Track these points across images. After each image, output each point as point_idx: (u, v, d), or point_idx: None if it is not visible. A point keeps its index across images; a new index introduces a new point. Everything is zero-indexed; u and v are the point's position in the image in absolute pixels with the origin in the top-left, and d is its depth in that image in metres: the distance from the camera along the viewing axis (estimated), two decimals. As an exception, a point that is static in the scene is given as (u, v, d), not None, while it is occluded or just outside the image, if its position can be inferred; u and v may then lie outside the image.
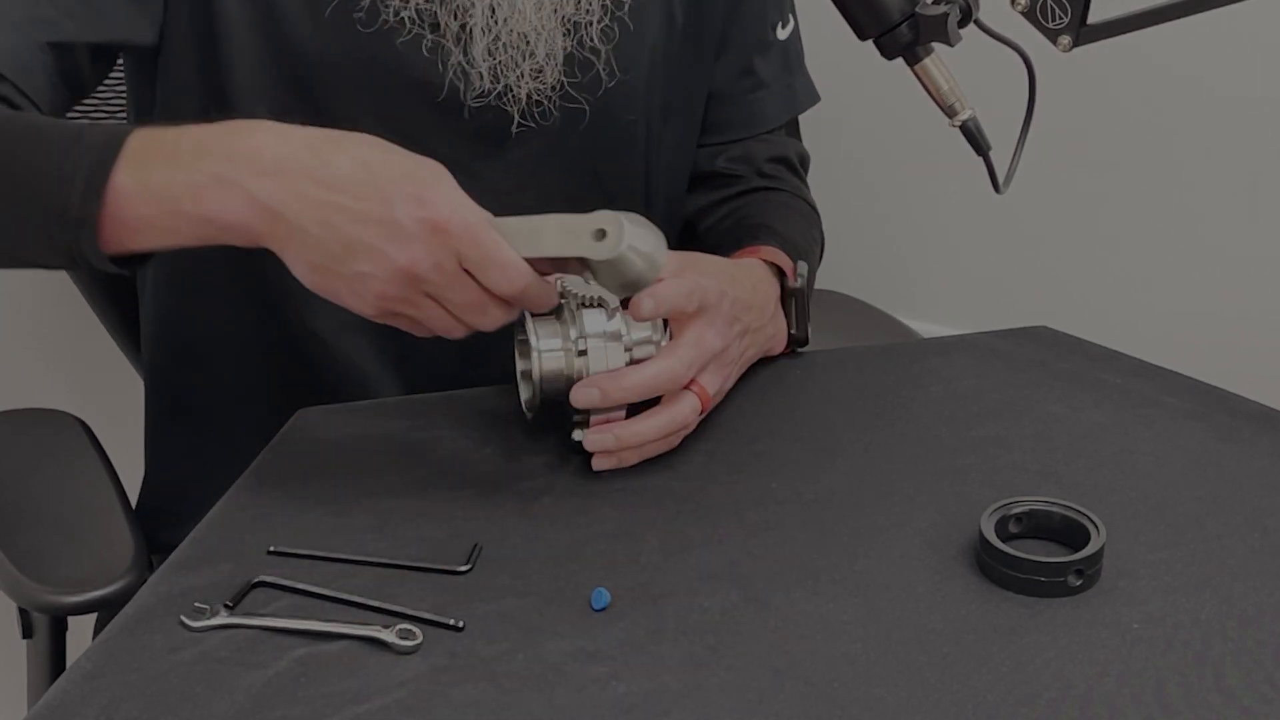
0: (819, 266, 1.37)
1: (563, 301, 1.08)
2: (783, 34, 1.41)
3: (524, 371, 1.12)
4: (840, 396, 1.21)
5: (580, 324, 1.07)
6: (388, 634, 0.92)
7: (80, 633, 1.27)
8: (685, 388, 1.10)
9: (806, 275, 1.25)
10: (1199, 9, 1.07)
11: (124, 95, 1.35)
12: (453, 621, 0.94)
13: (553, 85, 1.23)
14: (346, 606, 0.95)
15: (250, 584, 0.97)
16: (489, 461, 1.11)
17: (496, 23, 1.19)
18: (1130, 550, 1.01)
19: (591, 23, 1.24)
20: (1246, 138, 1.82)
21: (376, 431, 1.16)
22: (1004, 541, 0.98)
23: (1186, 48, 1.72)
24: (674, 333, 1.11)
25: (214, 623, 0.93)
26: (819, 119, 1.55)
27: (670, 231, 1.40)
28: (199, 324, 1.32)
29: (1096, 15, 1.10)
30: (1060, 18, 1.10)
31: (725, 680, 0.90)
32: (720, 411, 1.16)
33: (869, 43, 1.13)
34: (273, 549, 1.00)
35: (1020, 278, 1.99)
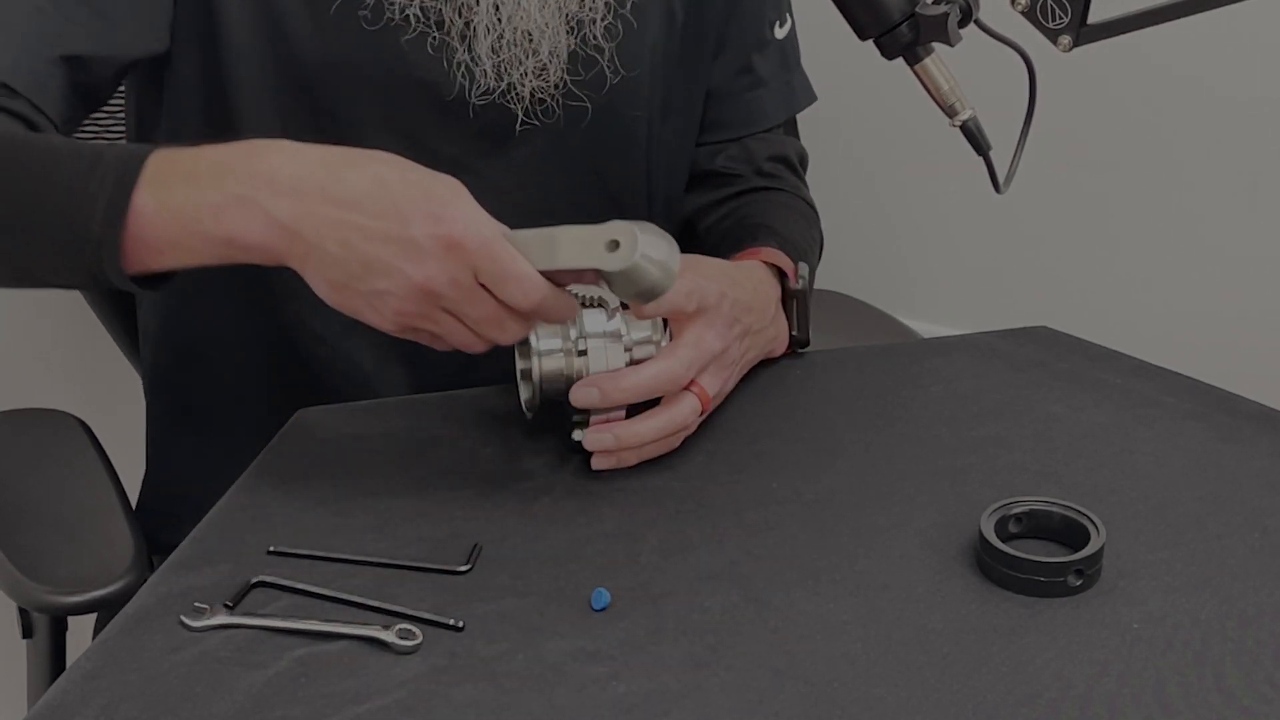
0: (818, 266, 1.37)
1: None
2: (780, 33, 1.41)
3: (524, 371, 1.12)
4: (840, 396, 1.21)
5: (580, 324, 1.07)
6: (388, 634, 0.92)
7: (80, 633, 1.27)
8: (685, 389, 1.10)
9: (807, 276, 1.26)
10: (1199, 9, 1.07)
11: (120, 100, 1.34)
12: (453, 621, 0.94)
13: (556, 83, 1.23)
14: (346, 606, 0.95)
15: (250, 584, 0.97)
16: (489, 461, 1.11)
17: (500, 20, 1.20)
18: (1130, 550, 1.01)
19: (595, 20, 1.24)
20: (1246, 138, 1.82)
21: (376, 431, 1.16)
22: (1004, 541, 0.98)
23: (1186, 48, 1.72)
24: (674, 334, 1.11)
25: (214, 623, 0.93)
26: (819, 119, 1.55)
27: (669, 231, 1.40)
28: (199, 324, 1.32)
29: (1096, 15, 1.10)
30: (1060, 18, 1.10)
31: (725, 680, 0.90)
32: (720, 412, 1.16)
33: (869, 43, 1.13)
34: (273, 549, 1.00)
35: (1020, 278, 1.99)
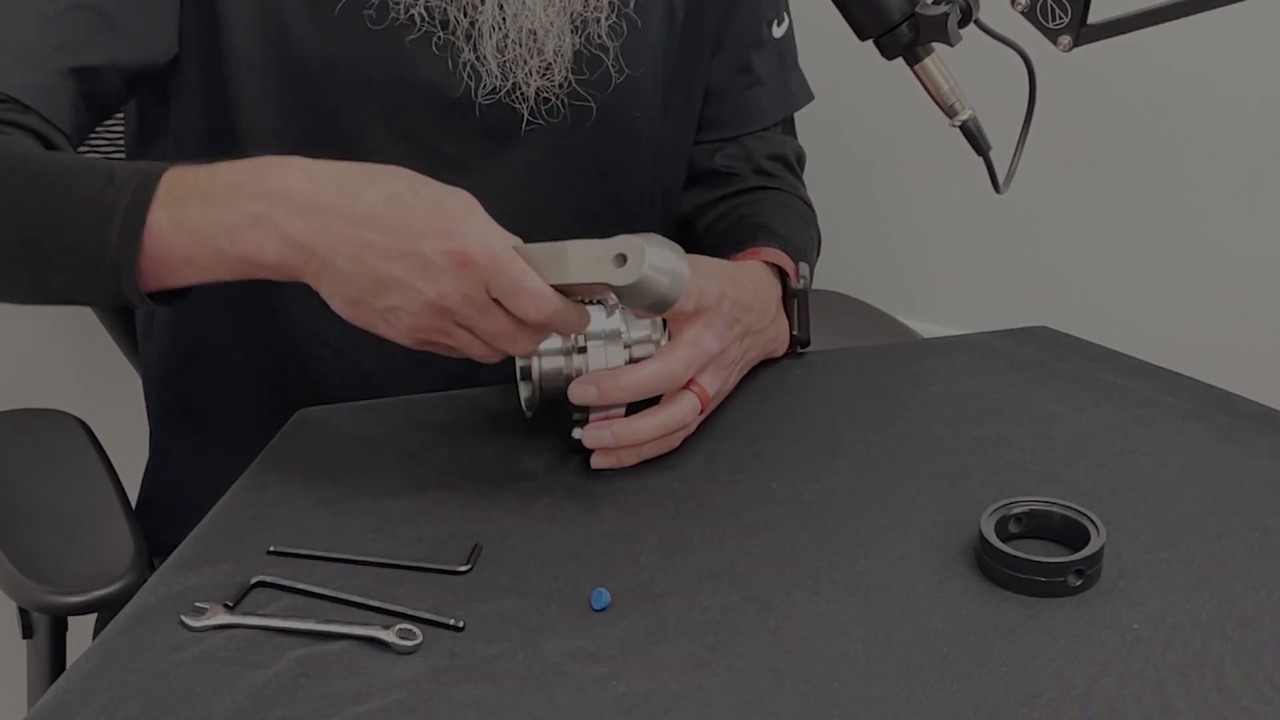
0: (816, 265, 1.37)
1: None
2: (778, 31, 1.41)
3: (523, 370, 1.12)
4: (840, 396, 1.21)
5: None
6: (388, 634, 0.92)
7: (80, 633, 1.27)
8: (685, 388, 1.10)
9: (808, 276, 1.26)
10: (1199, 9, 1.07)
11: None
12: (453, 621, 0.94)
13: (561, 83, 1.23)
14: (346, 606, 0.95)
15: (250, 584, 0.97)
16: (489, 461, 1.11)
17: (505, 19, 1.19)
18: (1130, 550, 1.01)
19: (599, 19, 1.24)
20: (1246, 138, 1.82)
21: (376, 431, 1.16)
22: (1004, 541, 0.98)
23: (1186, 48, 1.72)
24: (673, 334, 1.11)
25: (214, 623, 0.93)
26: (820, 119, 1.55)
27: (668, 230, 1.40)
28: (200, 324, 1.32)
29: (1096, 15, 1.10)
30: (1060, 18, 1.10)
31: (725, 680, 0.90)
32: (720, 411, 1.16)
33: (869, 43, 1.13)
34: (273, 549, 1.00)
35: (1020, 278, 1.99)
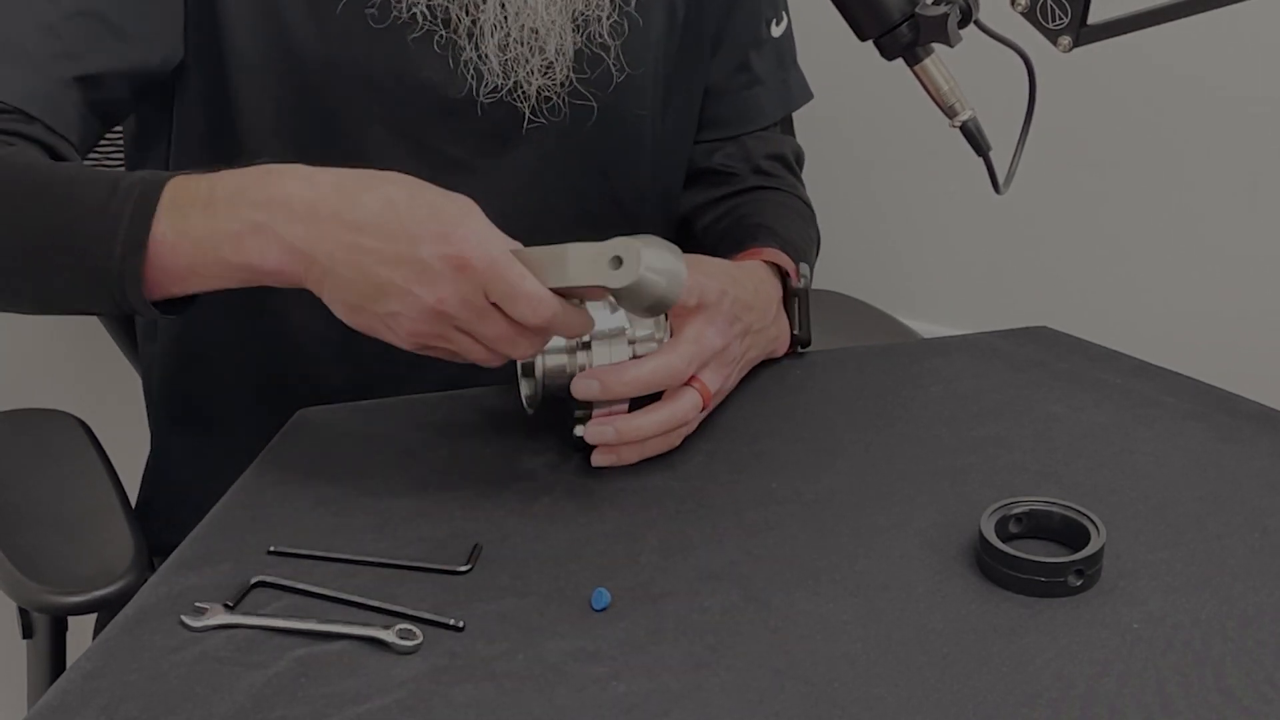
0: (815, 265, 1.37)
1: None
2: (777, 31, 1.41)
3: (525, 367, 1.12)
4: (840, 396, 1.21)
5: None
6: (388, 634, 0.92)
7: (80, 633, 1.27)
8: (687, 385, 1.10)
9: (809, 276, 1.26)
10: (1199, 9, 1.07)
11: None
12: (453, 621, 0.94)
13: (562, 81, 1.23)
14: (346, 606, 0.95)
15: (250, 584, 0.97)
16: (489, 461, 1.11)
17: (507, 18, 1.19)
18: (1130, 550, 1.01)
19: (601, 18, 1.23)
20: (1246, 138, 1.82)
21: (376, 431, 1.16)
22: (1004, 541, 0.98)
23: (1186, 48, 1.72)
24: (674, 330, 1.11)
25: (214, 623, 0.93)
26: (820, 119, 1.55)
27: (668, 230, 1.40)
28: (200, 324, 1.31)
29: (1096, 15, 1.10)
30: (1060, 18, 1.10)
31: (725, 680, 0.90)
32: (720, 411, 1.16)
33: (869, 43, 1.13)
34: (273, 549, 1.00)
35: (1020, 278, 1.99)
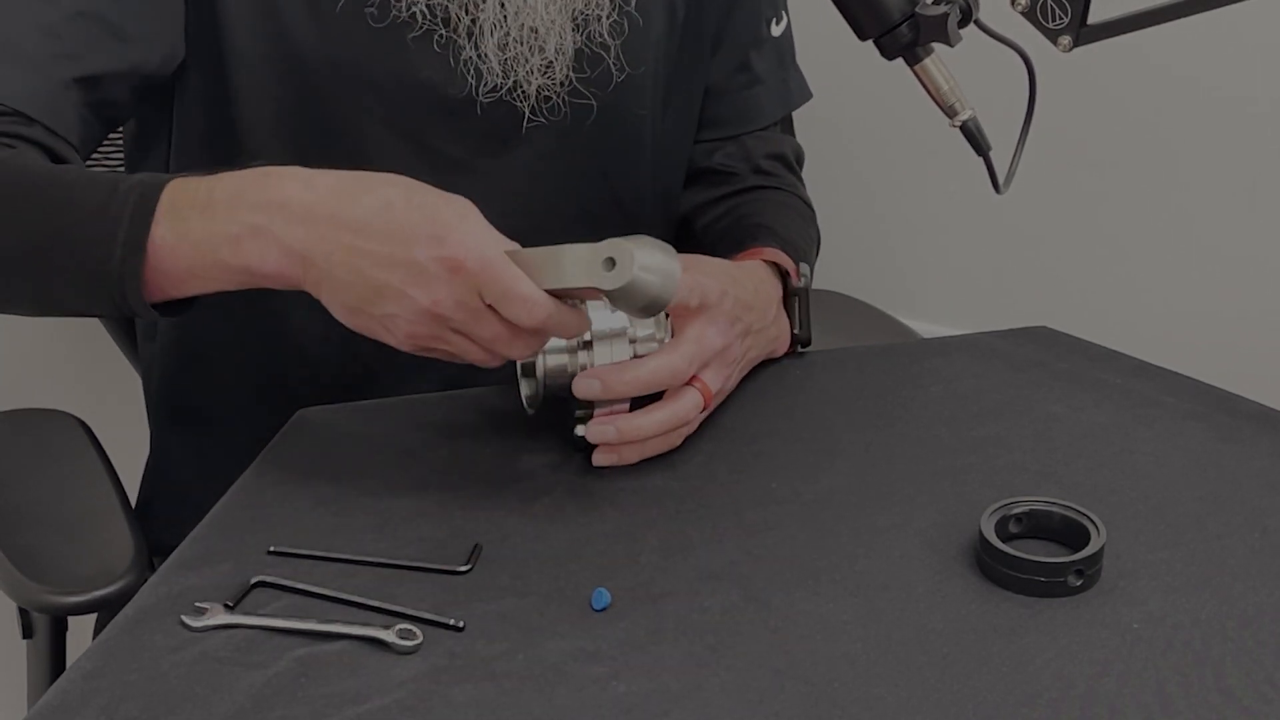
0: (815, 265, 1.37)
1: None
2: (776, 30, 1.41)
3: (525, 367, 1.12)
4: (840, 396, 1.21)
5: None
6: (388, 634, 0.92)
7: (80, 633, 1.27)
8: (688, 384, 1.10)
9: (809, 275, 1.26)
10: (1199, 9, 1.07)
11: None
12: (453, 621, 0.94)
13: (562, 81, 1.23)
14: (346, 606, 0.95)
15: (250, 584, 0.97)
16: (489, 461, 1.11)
17: (507, 17, 1.19)
18: (1130, 550, 1.01)
19: (601, 17, 1.23)
20: (1246, 138, 1.82)
21: (376, 431, 1.16)
22: (1004, 541, 0.98)
23: (1186, 48, 1.72)
24: (675, 330, 1.11)
25: (214, 623, 0.93)
26: (819, 119, 1.55)
27: (668, 230, 1.40)
28: (200, 324, 1.31)
29: (1096, 15, 1.10)
30: (1060, 18, 1.10)
31: (725, 680, 0.90)
32: (721, 411, 1.16)
33: (869, 43, 1.13)
34: (273, 549, 1.00)
35: (1020, 278, 1.99)
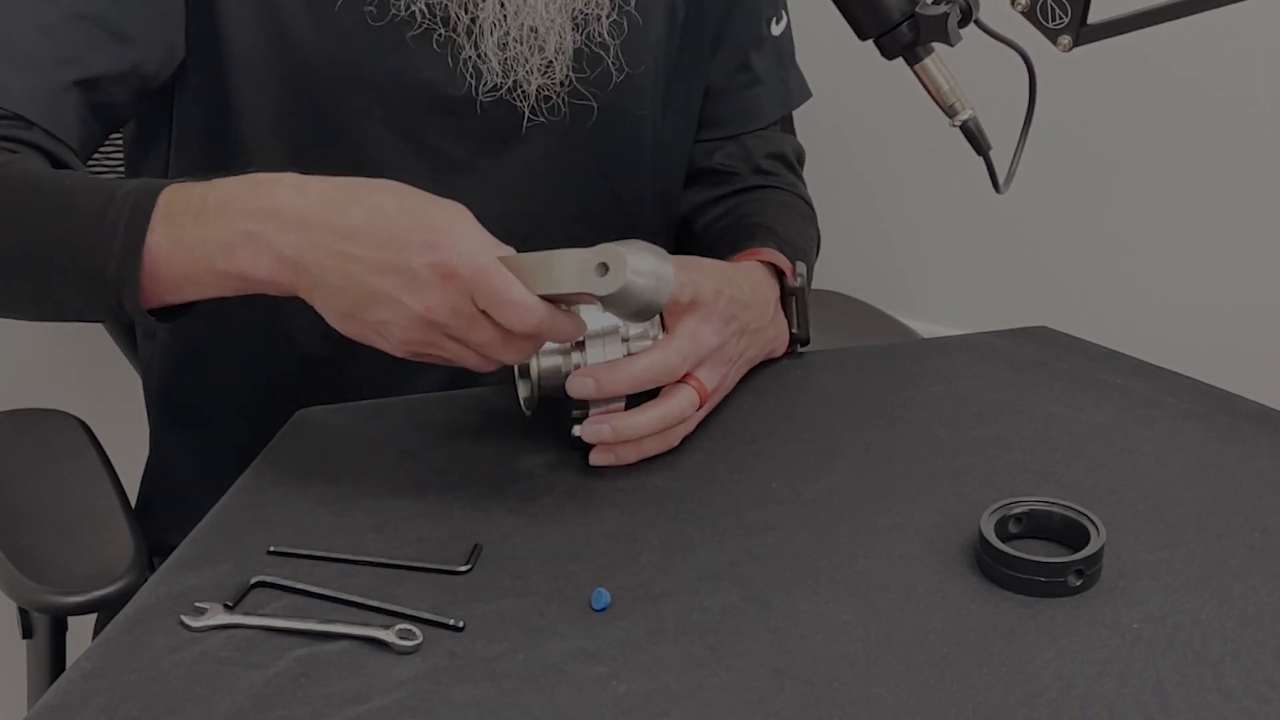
0: (815, 264, 1.37)
1: None
2: (776, 29, 1.41)
3: (521, 368, 1.12)
4: (840, 396, 1.21)
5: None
6: (388, 634, 0.92)
7: (80, 633, 1.27)
8: (683, 382, 1.10)
9: (805, 274, 1.25)
10: (1199, 9, 1.07)
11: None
12: (453, 621, 0.94)
13: (562, 80, 1.23)
14: (346, 606, 0.95)
15: (250, 584, 0.97)
16: (489, 461, 1.11)
17: (506, 16, 1.19)
18: (1130, 550, 1.01)
19: (600, 17, 1.23)
20: (1246, 138, 1.82)
21: (376, 431, 1.16)
22: (1004, 541, 0.98)
23: (1186, 48, 1.72)
24: (669, 328, 1.11)
25: (214, 623, 0.93)
26: (819, 119, 1.55)
27: (668, 230, 1.40)
28: (199, 324, 1.31)
29: (1096, 15, 1.10)
30: (1060, 18, 1.10)
31: (725, 680, 0.90)
32: (720, 411, 1.16)
33: (869, 42, 1.13)
34: (273, 549, 1.00)
35: (1020, 278, 1.99)
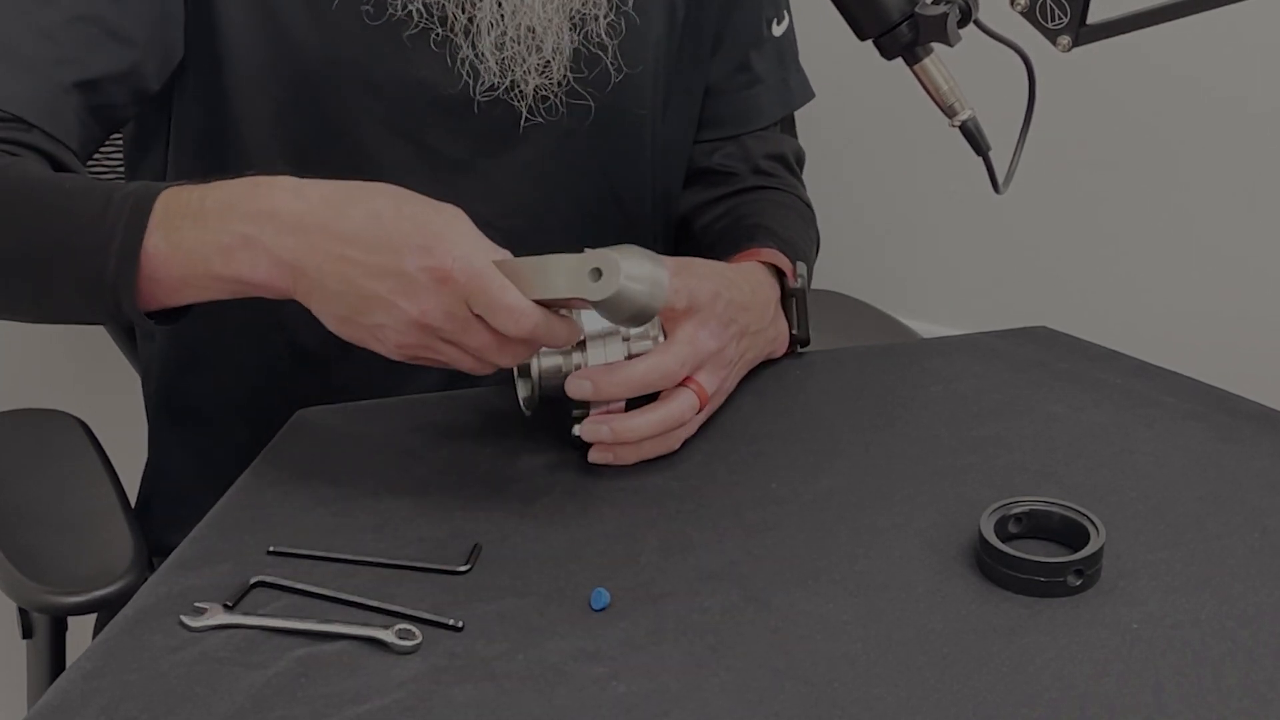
0: (815, 265, 1.37)
1: None
2: (778, 30, 1.41)
3: (521, 368, 1.12)
4: (840, 396, 1.21)
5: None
6: (387, 634, 0.92)
7: (80, 633, 1.27)
8: (683, 386, 1.10)
9: (806, 275, 1.25)
10: (1199, 9, 1.07)
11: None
12: (452, 621, 0.94)
13: (559, 81, 1.23)
14: (346, 606, 0.95)
15: (250, 584, 0.97)
16: (489, 461, 1.11)
17: (504, 16, 1.19)
18: (1130, 550, 1.01)
19: (598, 17, 1.23)
20: (1246, 138, 1.82)
21: (376, 431, 1.16)
22: (1004, 541, 0.98)
23: (1186, 48, 1.72)
24: (667, 333, 1.11)
25: (214, 623, 0.93)
26: (819, 119, 1.55)
27: (667, 230, 1.40)
28: (200, 324, 1.31)
29: (1096, 15, 1.10)
30: (1060, 18, 1.10)
31: (725, 680, 0.90)
32: (720, 411, 1.16)
33: (868, 42, 1.13)
34: (273, 549, 1.00)
35: (1020, 278, 1.99)
